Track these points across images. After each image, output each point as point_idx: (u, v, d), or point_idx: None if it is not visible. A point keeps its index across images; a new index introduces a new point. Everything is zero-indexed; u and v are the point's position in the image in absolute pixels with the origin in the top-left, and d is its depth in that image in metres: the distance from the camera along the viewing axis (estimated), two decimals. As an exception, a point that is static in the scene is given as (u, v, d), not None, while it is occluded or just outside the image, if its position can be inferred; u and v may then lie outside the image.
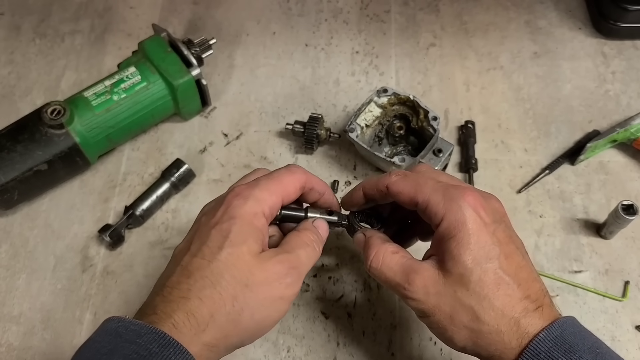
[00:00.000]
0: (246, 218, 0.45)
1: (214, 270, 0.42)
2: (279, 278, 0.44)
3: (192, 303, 0.41)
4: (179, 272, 0.43)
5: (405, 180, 0.48)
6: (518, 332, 0.42)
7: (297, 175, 0.49)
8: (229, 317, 0.42)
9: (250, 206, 0.45)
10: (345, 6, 0.86)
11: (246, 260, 0.43)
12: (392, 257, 0.47)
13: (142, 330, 0.40)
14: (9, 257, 0.67)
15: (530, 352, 0.41)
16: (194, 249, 0.44)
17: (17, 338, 0.62)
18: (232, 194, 0.46)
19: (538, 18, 0.84)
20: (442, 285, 0.44)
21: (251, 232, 0.45)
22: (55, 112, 0.65)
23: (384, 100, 0.69)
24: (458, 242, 0.43)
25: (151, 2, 0.87)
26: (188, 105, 0.73)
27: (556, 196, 0.69)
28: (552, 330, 0.41)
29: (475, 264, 0.43)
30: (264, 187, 0.47)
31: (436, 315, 0.44)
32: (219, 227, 0.44)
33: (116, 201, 0.70)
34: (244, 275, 0.43)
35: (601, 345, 0.42)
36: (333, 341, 0.61)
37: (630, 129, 0.70)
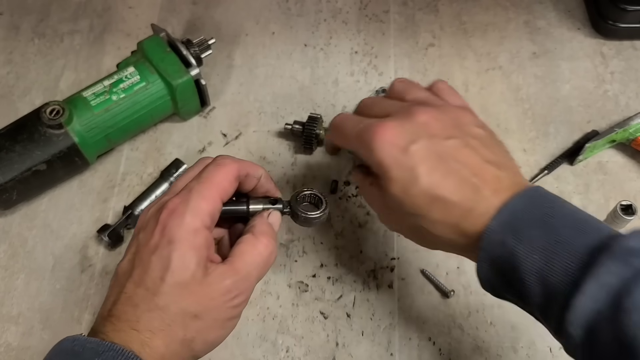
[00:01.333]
0: (186, 239, 0.43)
1: (159, 303, 0.41)
2: (228, 301, 0.44)
3: (144, 335, 0.41)
4: (124, 301, 0.42)
5: (334, 131, 0.52)
6: (464, 238, 0.44)
7: (228, 167, 0.47)
8: (182, 345, 0.43)
9: (188, 223, 0.43)
10: (345, 6, 0.86)
11: (191, 290, 0.42)
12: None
13: (99, 347, 0.39)
14: (7, 257, 0.67)
15: (485, 242, 0.42)
16: (136, 276, 0.43)
17: (15, 338, 0.62)
18: (166, 211, 0.44)
19: (537, 18, 0.84)
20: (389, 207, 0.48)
21: (193, 255, 0.43)
22: (54, 112, 0.65)
23: (383, 100, 0.69)
24: (384, 179, 0.46)
25: (150, 2, 0.87)
26: (187, 105, 0.73)
27: (555, 196, 0.69)
28: (501, 217, 0.42)
29: (404, 193, 0.45)
30: (198, 196, 0.44)
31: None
32: (159, 254, 0.42)
33: (115, 201, 0.70)
34: (191, 305, 0.42)
35: (555, 213, 0.42)
36: (332, 341, 0.61)
37: (629, 129, 0.70)
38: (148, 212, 0.46)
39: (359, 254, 0.66)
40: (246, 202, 0.50)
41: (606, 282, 0.36)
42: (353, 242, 0.67)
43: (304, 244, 0.67)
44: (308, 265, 0.66)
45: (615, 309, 0.36)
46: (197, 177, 0.46)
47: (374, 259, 0.66)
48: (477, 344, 0.61)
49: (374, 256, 0.66)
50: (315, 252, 0.67)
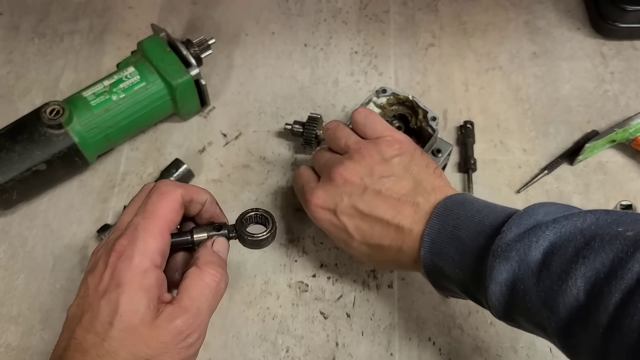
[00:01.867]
0: (134, 282, 0.41)
1: (108, 348, 0.40)
2: (180, 341, 0.42)
3: None
4: (73, 347, 0.41)
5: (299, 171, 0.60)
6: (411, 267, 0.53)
7: (172, 196, 0.46)
8: None
9: (136, 265, 0.42)
10: (344, 6, 0.86)
11: (141, 334, 0.41)
12: None
13: None
14: (7, 257, 0.67)
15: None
16: (85, 321, 0.42)
17: (15, 338, 0.62)
18: (115, 254, 0.43)
19: (537, 18, 0.84)
20: None
21: (142, 297, 0.41)
22: (54, 112, 0.65)
23: (383, 100, 0.69)
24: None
25: (150, 2, 0.87)
26: (187, 105, 0.73)
27: (555, 196, 0.69)
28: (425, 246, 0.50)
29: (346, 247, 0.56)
30: (144, 234, 0.43)
31: None
32: (107, 298, 0.41)
33: (115, 201, 0.70)
34: (141, 350, 0.41)
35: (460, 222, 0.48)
36: (332, 341, 0.61)
37: (629, 129, 0.70)
38: (97, 253, 0.45)
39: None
40: (190, 232, 0.48)
41: (500, 280, 0.43)
42: (353, 242, 0.67)
43: (304, 244, 0.67)
44: (308, 265, 0.66)
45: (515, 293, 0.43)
46: (141, 211, 0.45)
47: (374, 259, 0.66)
48: (477, 344, 0.61)
49: (374, 256, 0.66)
50: (315, 252, 0.67)
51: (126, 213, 0.47)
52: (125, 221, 0.46)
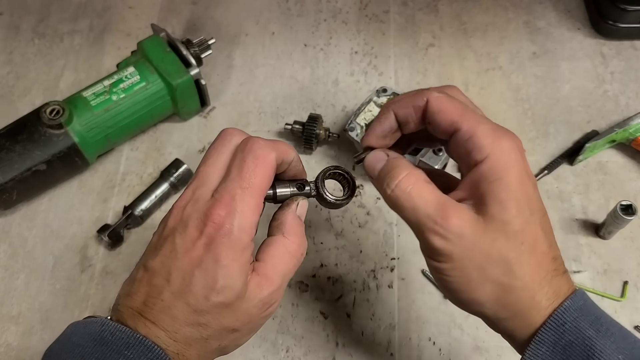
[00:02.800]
0: (233, 259, 0.40)
1: (200, 320, 0.40)
2: (264, 311, 0.42)
3: (179, 345, 0.40)
4: (160, 308, 0.40)
5: (451, 100, 0.42)
6: (550, 292, 0.39)
7: (267, 161, 0.42)
8: (215, 352, 0.42)
9: (236, 241, 0.40)
10: (345, 6, 0.86)
11: (233, 308, 0.40)
12: (425, 185, 0.41)
13: (130, 340, 0.38)
14: (7, 257, 0.67)
15: (555, 322, 0.38)
16: (175, 286, 0.40)
17: (15, 338, 0.62)
18: (212, 225, 0.39)
19: (537, 18, 0.84)
20: (482, 231, 0.38)
21: (240, 276, 0.40)
22: (54, 112, 0.65)
23: (384, 100, 0.70)
24: (506, 187, 0.38)
25: (150, 2, 0.87)
26: (187, 105, 0.73)
27: (555, 196, 0.69)
28: (576, 300, 0.38)
29: (520, 214, 0.38)
30: (243, 207, 0.40)
31: (464, 261, 0.39)
32: (203, 269, 0.39)
33: (115, 201, 0.70)
34: (232, 322, 0.41)
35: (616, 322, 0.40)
36: (332, 341, 0.61)
37: (629, 129, 0.70)
38: (184, 210, 0.41)
39: (359, 254, 0.66)
40: (273, 186, 0.45)
41: None
42: (353, 242, 0.67)
43: (304, 244, 0.67)
44: (308, 265, 0.66)
45: None
46: (237, 177, 0.41)
47: (374, 259, 0.66)
48: (477, 344, 0.61)
49: (374, 256, 0.66)
50: (315, 252, 0.67)
51: (208, 164, 0.43)
52: (212, 177, 0.42)
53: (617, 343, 0.37)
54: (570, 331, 0.37)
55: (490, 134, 0.40)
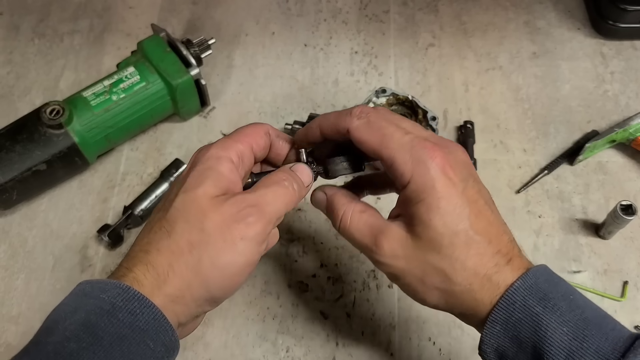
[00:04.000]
0: (207, 162, 0.43)
1: (169, 219, 0.41)
2: (238, 218, 0.41)
3: (150, 255, 0.40)
4: (145, 230, 0.43)
5: (369, 128, 0.44)
6: (490, 289, 0.41)
7: (260, 125, 0.48)
8: (188, 264, 0.40)
9: (213, 152, 0.44)
10: (345, 6, 0.86)
11: (200, 204, 0.41)
12: (360, 216, 0.45)
13: (106, 286, 0.39)
14: (7, 257, 0.67)
15: (505, 302, 0.40)
16: (160, 206, 0.44)
17: (15, 338, 0.62)
18: (197, 153, 0.45)
19: (537, 18, 0.84)
20: (412, 248, 0.42)
21: (209, 174, 0.42)
22: (54, 112, 0.65)
23: (383, 100, 0.70)
24: (427, 207, 0.41)
25: (150, 2, 0.87)
26: (187, 105, 0.73)
27: (555, 196, 0.69)
28: (525, 280, 0.41)
29: (445, 228, 0.41)
30: (228, 138, 0.46)
31: (406, 278, 0.43)
32: (179, 180, 0.44)
33: (115, 201, 0.70)
34: (198, 219, 0.41)
35: (574, 292, 0.42)
36: (332, 341, 0.61)
37: (629, 129, 0.70)
38: None
39: (359, 254, 0.66)
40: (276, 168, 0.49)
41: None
42: (353, 242, 0.67)
43: (304, 244, 0.67)
44: (308, 265, 0.66)
45: None
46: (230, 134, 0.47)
47: (374, 259, 0.66)
48: (476, 344, 0.60)
49: (374, 256, 0.66)
50: (315, 252, 0.67)
51: None
52: None
53: (563, 316, 0.39)
54: (519, 309, 0.40)
55: (408, 159, 0.42)
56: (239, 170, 0.45)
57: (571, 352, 0.38)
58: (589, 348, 0.38)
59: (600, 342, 0.38)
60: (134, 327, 0.38)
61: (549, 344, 0.39)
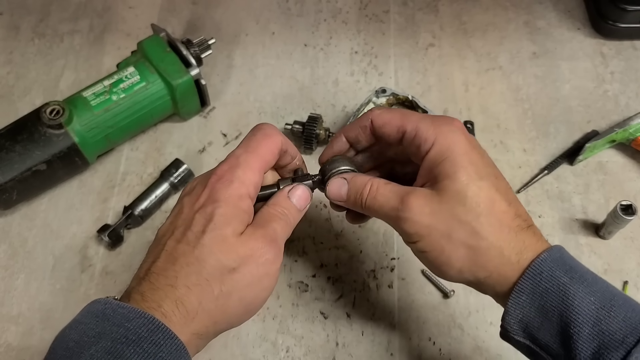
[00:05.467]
0: (231, 201, 0.43)
1: (198, 256, 0.41)
2: (262, 254, 0.43)
3: (179, 291, 0.41)
4: (164, 258, 0.42)
5: (390, 112, 0.48)
6: (517, 246, 0.42)
7: (274, 139, 0.47)
8: (217, 302, 0.41)
9: (235, 189, 0.44)
10: (345, 6, 0.86)
11: (231, 242, 0.42)
12: (385, 186, 0.47)
13: (130, 314, 0.39)
14: (7, 257, 0.67)
15: (532, 272, 0.41)
16: (178, 233, 0.43)
17: (15, 338, 0.62)
18: (214, 177, 0.45)
19: (537, 18, 0.84)
20: (438, 203, 0.43)
21: (236, 214, 0.43)
22: (54, 112, 0.65)
23: (383, 100, 0.70)
24: (452, 162, 0.43)
25: (150, 2, 0.87)
26: (187, 105, 0.73)
27: (555, 196, 0.69)
28: (552, 252, 0.42)
29: (470, 181, 0.43)
30: (246, 166, 0.45)
31: (432, 235, 0.43)
32: (202, 211, 0.43)
33: (115, 201, 0.70)
34: (229, 257, 0.42)
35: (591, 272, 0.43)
36: (332, 341, 0.61)
37: (629, 129, 0.70)
38: (194, 181, 0.47)
39: (359, 254, 0.66)
40: (276, 184, 0.49)
41: None
42: (353, 242, 0.67)
43: (304, 244, 0.67)
44: (308, 265, 0.66)
45: None
46: (244, 145, 0.47)
47: (374, 259, 0.66)
48: (477, 344, 0.61)
49: (374, 256, 0.66)
50: (315, 252, 0.67)
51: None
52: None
53: (590, 287, 0.40)
54: (546, 279, 0.41)
55: (430, 125, 0.45)
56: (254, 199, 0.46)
57: (598, 320, 0.39)
58: (616, 316, 0.39)
59: (627, 312, 0.39)
60: (156, 358, 0.38)
61: (577, 312, 0.39)
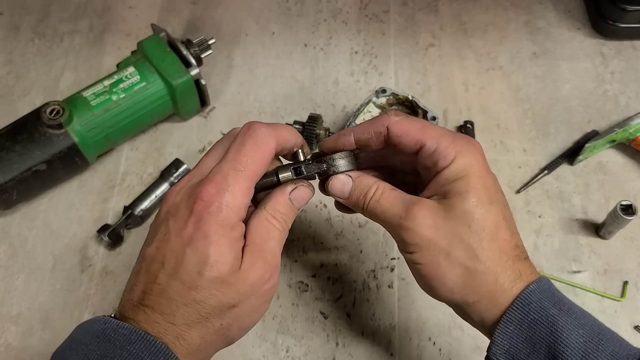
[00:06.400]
0: (223, 235, 0.40)
1: (196, 297, 0.40)
2: (262, 285, 0.42)
3: (179, 328, 0.40)
4: (157, 293, 0.40)
5: (409, 121, 0.45)
6: (512, 275, 0.42)
7: (267, 150, 0.43)
8: (218, 334, 0.42)
9: (225, 219, 0.40)
10: (345, 6, 0.86)
11: (230, 282, 0.41)
12: (391, 192, 0.45)
13: (132, 336, 0.38)
14: (7, 257, 0.67)
15: (521, 302, 0.41)
16: (169, 268, 0.40)
17: (15, 338, 0.62)
18: (201, 203, 0.40)
19: (537, 18, 0.84)
20: (442, 219, 0.42)
21: (230, 250, 0.41)
22: (54, 112, 0.65)
23: (383, 100, 0.70)
24: (466, 182, 0.43)
25: (150, 2, 0.87)
26: (187, 105, 0.73)
27: (555, 196, 0.69)
28: (540, 284, 0.42)
29: (480, 204, 0.42)
30: (235, 189, 0.41)
31: (431, 248, 0.42)
32: (194, 247, 0.40)
33: (115, 201, 0.70)
34: (229, 297, 0.41)
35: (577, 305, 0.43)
36: (332, 341, 0.61)
37: (629, 129, 0.70)
38: (177, 195, 0.42)
39: (359, 254, 0.66)
40: (275, 172, 0.46)
41: None
42: (353, 242, 0.67)
43: (304, 244, 0.67)
44: (308, 265, 0.66)
45: None
46: (233, 158, 0.42)
47: (374, 259, 0.66)
48: (477, 344, 0.61)
49: (374, 256, 0.66)
50: (315, 252, 0.67)
51: (210, 156, 0.44)
52: (209, 166, 0.43)
53: (578, 320, 0.40)
54: (535, 310, 0.41)
55: (451, 143, 0.44)
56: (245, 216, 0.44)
57: (587, 353, 0.39)
58: (604, 350, 0.39)
59: (615, 346, 0.39)
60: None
61: (565, 344, 0.39)
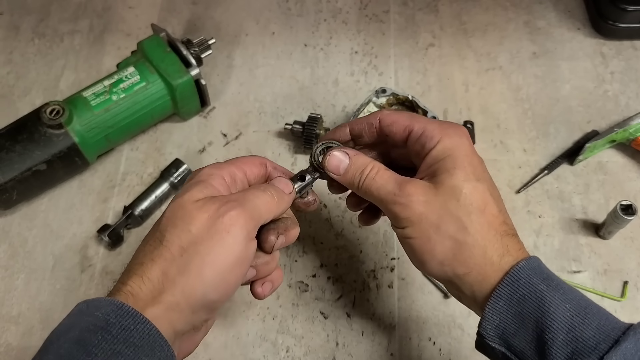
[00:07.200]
0: (199, 177, 0.45)
1: (160, 228, 0.42)
2: (221, 213, 0.42)
3: (145, 267, 0.41)
4: (141, 244, 0.44)
5: (399, 113, 0.50)
6: (500, 249, 0.44)
7: (257, 157, 0.50)
8: (179, 268, 0.41)
9: (206, 170, 0.46)
10: (345, 6, 0.86)
11: (186, 207, 0.42)
12: (385, 172, 0.48)
13: (100, 303, 0.39)
14: (7, 257, 0.67)
15: (510, 279, 0.42)
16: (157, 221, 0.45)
17: (15, 338, 0.62)
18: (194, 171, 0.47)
19: (537, 18, 0.84)
20: (433, 195, 0.45)
21: (198, 184, 0.44)
22: (54, 112, 0.65)
23: (383, 100, 0.70)
24: (453, 160, 0.45)
25: (150, 2, 0.87)
26: (187, 105, 0.73)
27: (555, 196, 0.69)
28: (530, 261, 0.43)
29: (467, 180, 0.45)
30: (221, 163, 0.48)
31: (422, 222, 0.45)
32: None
33: (115, 201, 0.70)
34: (185, 222, 0.42)
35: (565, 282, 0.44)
36: (332, 341, 0.61)
37: (629, 129, 0.70)
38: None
39: (359, 254, 0.66)
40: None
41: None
42: (353, 242, 0.67)
43: (304, 244, 0.67)
44: (308, 265, 0.66)
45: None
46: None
47: (374, 259, 0.66)
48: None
49: (374, 256, 0.66)
50: (315, 252, 0.67)
51: None
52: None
53: (566, 295, 0.42)
54: (524, 286, 0.42)
55: (437, 126, 0.47)
56: (231, 188, 0.46)
57: (573, 327, 0.40)
58: (590, 324, 0.40)
59: (601, 320, 0.40)
60: (128, 343, 0.38)
61: (552, 318, 0.40)
